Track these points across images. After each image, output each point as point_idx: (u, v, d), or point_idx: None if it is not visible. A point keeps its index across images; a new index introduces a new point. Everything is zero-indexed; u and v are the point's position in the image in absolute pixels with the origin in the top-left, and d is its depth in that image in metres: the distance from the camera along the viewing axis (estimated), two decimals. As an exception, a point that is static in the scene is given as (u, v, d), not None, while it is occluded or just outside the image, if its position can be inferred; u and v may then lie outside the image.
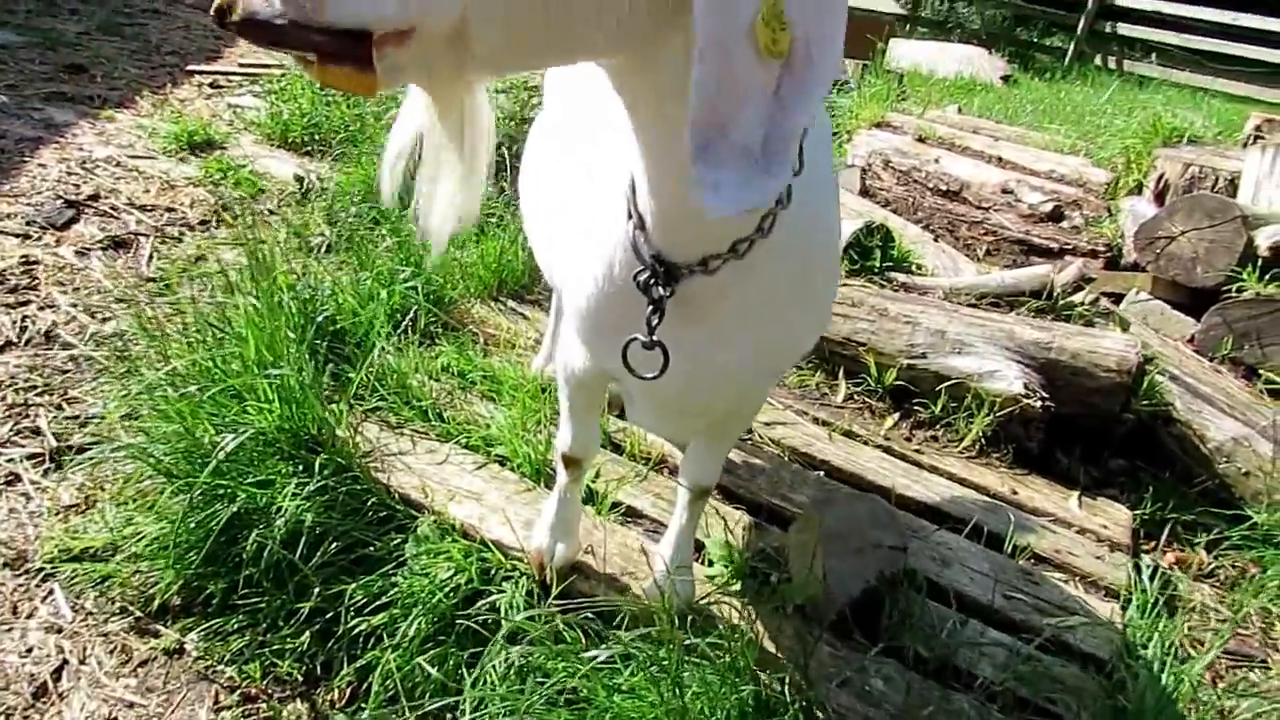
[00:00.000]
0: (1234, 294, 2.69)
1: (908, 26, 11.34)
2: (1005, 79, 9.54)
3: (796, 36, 0.69)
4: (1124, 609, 1.86)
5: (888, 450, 2.28)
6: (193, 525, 1.65)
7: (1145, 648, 1.72)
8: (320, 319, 2.08)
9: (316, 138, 3.97)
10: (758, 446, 2.19)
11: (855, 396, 2.46)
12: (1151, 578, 1.97)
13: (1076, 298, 2.53)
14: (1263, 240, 2.69)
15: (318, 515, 1.67)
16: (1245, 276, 2.69)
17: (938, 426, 2.38)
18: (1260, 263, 2.70)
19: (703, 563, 1.78)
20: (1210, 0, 10.31)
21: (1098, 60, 11.24)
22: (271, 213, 3.37)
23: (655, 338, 1.00)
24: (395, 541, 1.71)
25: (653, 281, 0.98)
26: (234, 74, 5.10)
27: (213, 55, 5.41)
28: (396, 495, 1.79)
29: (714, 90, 0.68)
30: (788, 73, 0.70)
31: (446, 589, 1.60)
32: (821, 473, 2.14)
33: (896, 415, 2.41)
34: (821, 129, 1.09)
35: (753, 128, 0.71)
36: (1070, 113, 6.31)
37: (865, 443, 2.29)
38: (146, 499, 1.77)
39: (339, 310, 2.22)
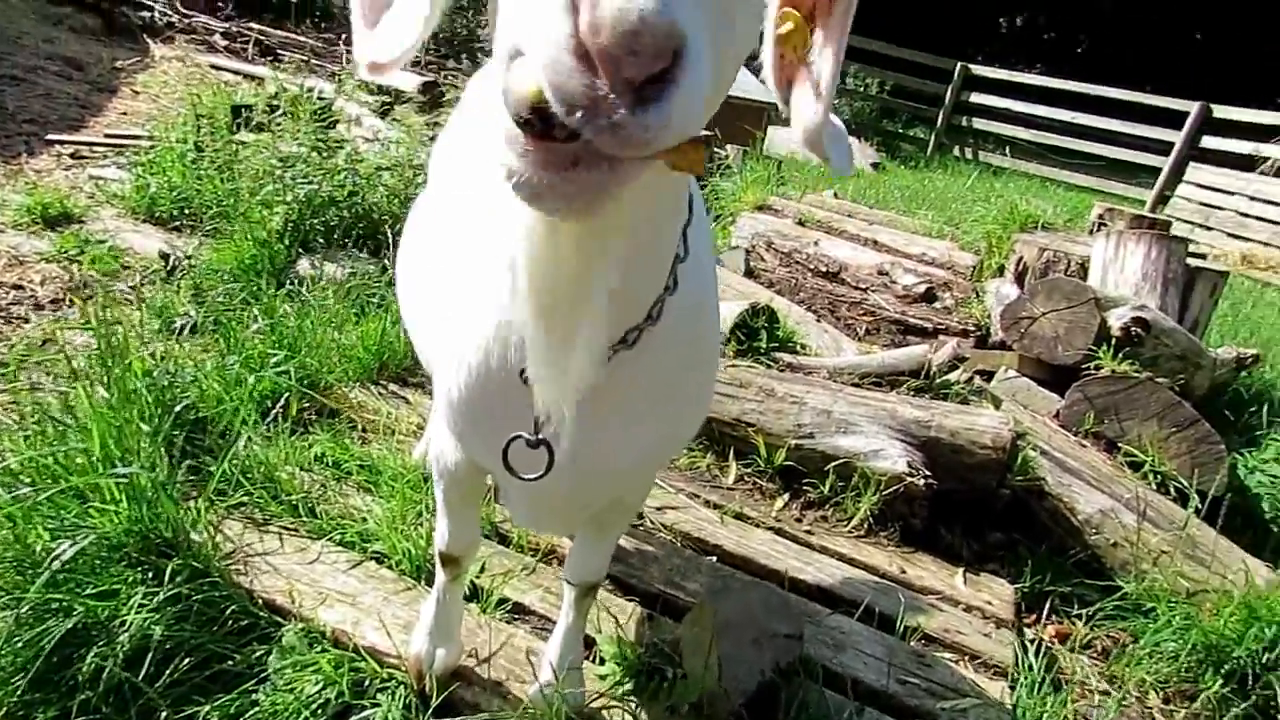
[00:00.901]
0: (1093, 371, 2.85)
1: (784, 117, 11.92)
2: (875, 166, 10.13)
3: None
4: (1012, 688, 1.88)
5: (779, 532, 2.26)
6: (19, 645, 1.45)
7: (1034, 727, 1.73)
8: (179, 408, 1.92)
9: (186, 212, 3.79)
10: (649, 533, 2.14)
11: (746, 478, 2.45)
12: (1036, 654, 2.00)
13: (952, 376, 2.63)
14: (1114, 321, 2.88)
15: (168, 628, 1.50)
16: (1101, 355, 2.86)
17: (827, 506, 2.39)
18: (1114, 342, 2.88)
19: (594, 661, 1.70)
20: (1053, 100, 11.30)
21: (956, 151, 12.09)
22: (133, 291, 3.17)
23: (540, 436, 0.96)
24: (258, 654, 1.56)
25: None
26: (98, 144, 4.85)
27: (75, 125, 5.15)
28: (260, 601, 1.64)
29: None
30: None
31: (314, 705, 1.46)
32: (714, 558, 2.10)
33: (786, 495, 2.41)
34: (700, 217, 1.09)
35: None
36: (935, 199, 6.72)
37: (757, 525, 2.27)
38: (-35, 616, 1.56)
39: (202, 398, 2.07)
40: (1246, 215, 9.20)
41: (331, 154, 3.58)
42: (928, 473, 2.32)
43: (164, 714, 1.42)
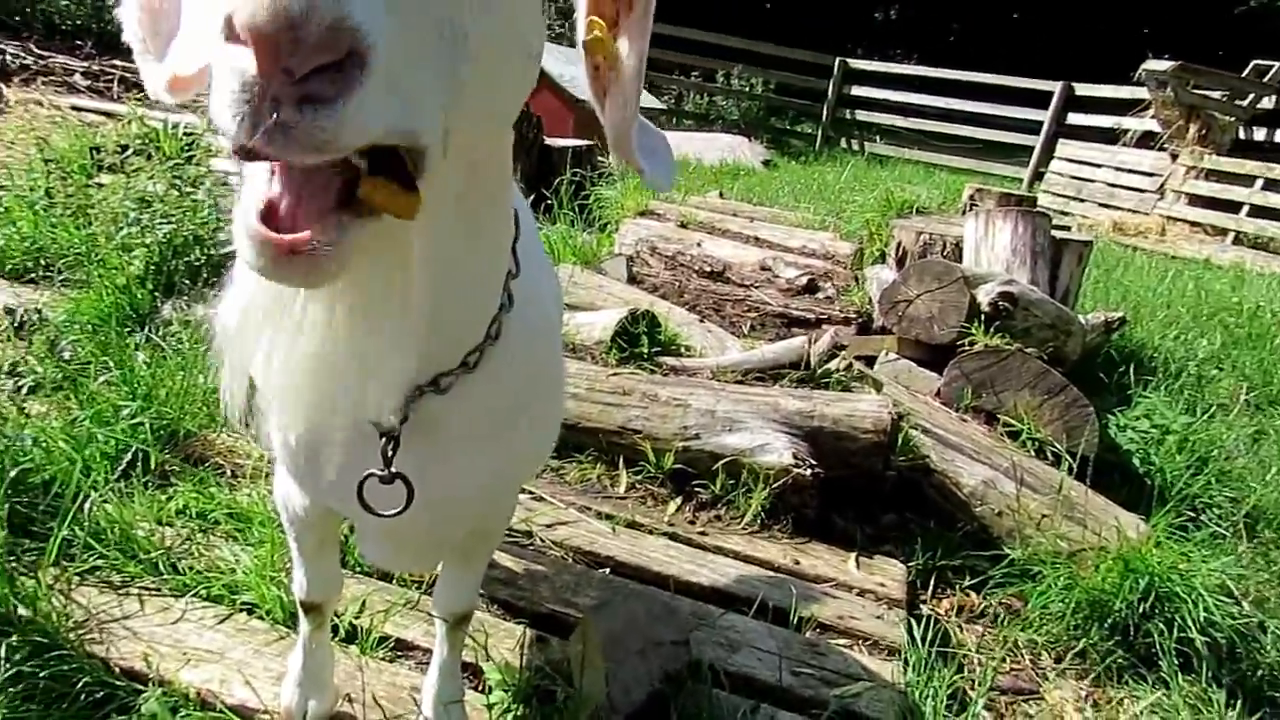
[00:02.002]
0: (967, 348, 2.94)
1: (673, 120, 12.07)
2: (766, 163, 10.32)
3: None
4: (904, 667, 1.91)
5: (673, 537, 2.26)
6: None
7: (925, 704, 1.76)
8: (14, 473, 1.79)
9: (42, 263, 3.57)
10: (539, 552, 2.11)
11: (637, 485, 2.44)
12: (925, 630, 2.04)
13: (832, 365, 2.67)
14: (983, 297, 2.98)
15: (11, 710, 1.40)
16: (974, 330, 2.95)
17: (719, 506, 2.39)
18: (984, 317, 2.98)
19: (482, 690, 1.66)
20: (929, 88, 11.74)
21: (843, 143, 12.43)
22: (-18, 351, 2.97)
23: (394, 470, 0.92)
24: (116, 725, 1.46)
25: None
26: (-58, 198, 4.55)
27: (-84, 178, 4.81)
28: (117, 669, 1.54)
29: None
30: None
31: (178, 774, 1.38)
32: (607, 570, 2.08)
33: (679, 499, 2.41)
34: (529, 231, 1.07)
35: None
36: (821, 191, 6.88)
37: (650, 532, 2.26)
38: None
39: (47, 459, 1.94)
40: (1114, 185, 9.72)
41: (193, 189, 3.43)
42: (813, 462, 2.34)
43: (7, 806, 1.31)
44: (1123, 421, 3.08)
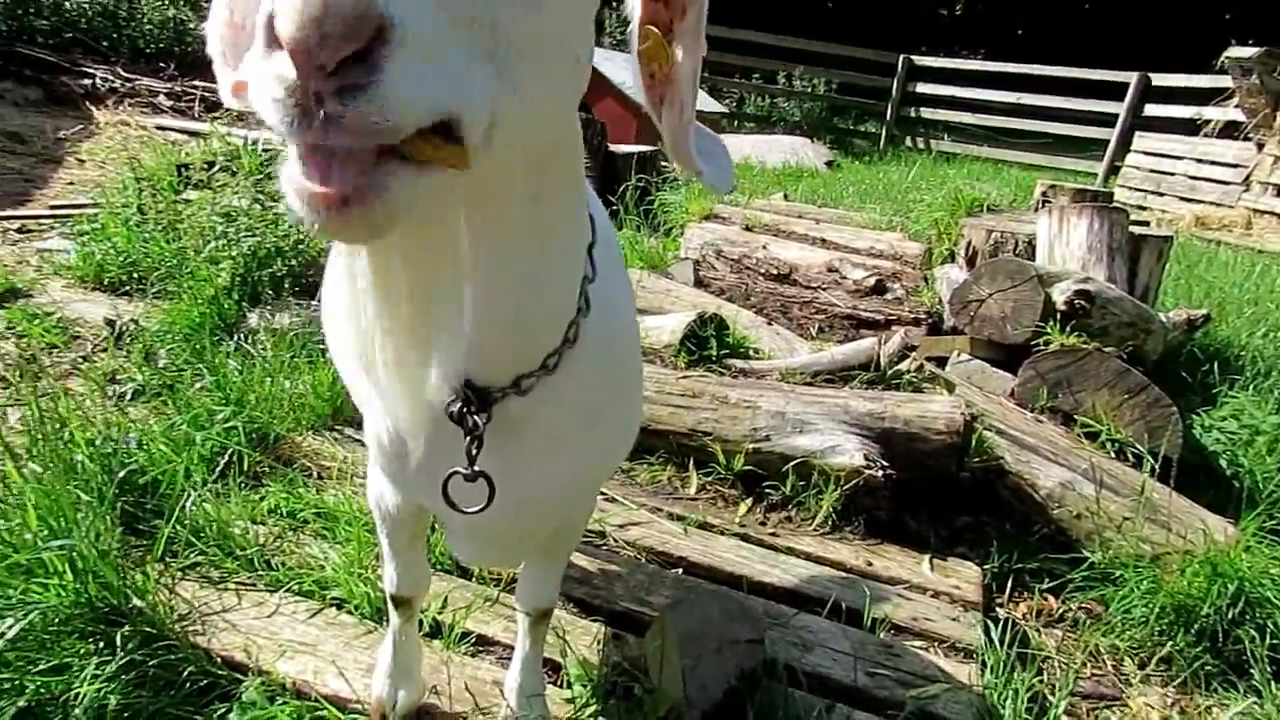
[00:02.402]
0: (1042, 347, 2.88)
1: (734, 122, 12.04)
2: (829, 164, 10.23)
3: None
4: (981, 670, 1.89)
5: (744, 537, 2.27)
6: (-28, 729, 1.44)
7: (1004, 706, 1.74)
8: (123, 474, 1.91)
9: (135, 276, 3.76)
10: (613, 552, 2.14)
11: (707, 487, 2.46)
12: (1003, 633, 2.01)
13: (903, 366, 2.65)
14: (1058, 295, 2.92)
15: (124, 696, 1.49)
16: (1049, 330, 2.90)
17: (790, 507, 2.40)
18: (1059, 316, 2.92)
19: (561, 685, 1.70)
20: (997, 84, 11.47)
21: (908, 142, 12.24)
22: (84, 360, 3.14)
23: (478, 468, 0.96)
24: (219, 712, 1.55)
25: (467, 410, 0.94)
26: (44, 217, 4.82)
27: (20, 199, 5.12)
28: (218, 659, 1.63)
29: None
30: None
31: (276, 759, 1.45)
32: (679, 570, 2.11)
33: (750, 500, 2.42)
34: (606, 235, 1.10)
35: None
36: (886, 191, 6.80)
37: (721, 533, 2.28)
38: (-84, 705, 1.54)
39: (150, 461, 2.05)
40: (1195, 178, 9.37)
41: (274, 204, 3.57)
42: (885, 463, 2.33)
43: (122, 786, 1.40)
44: (1208, 422, 2.98)
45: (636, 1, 0.88)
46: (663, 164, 5.42)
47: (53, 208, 5.02)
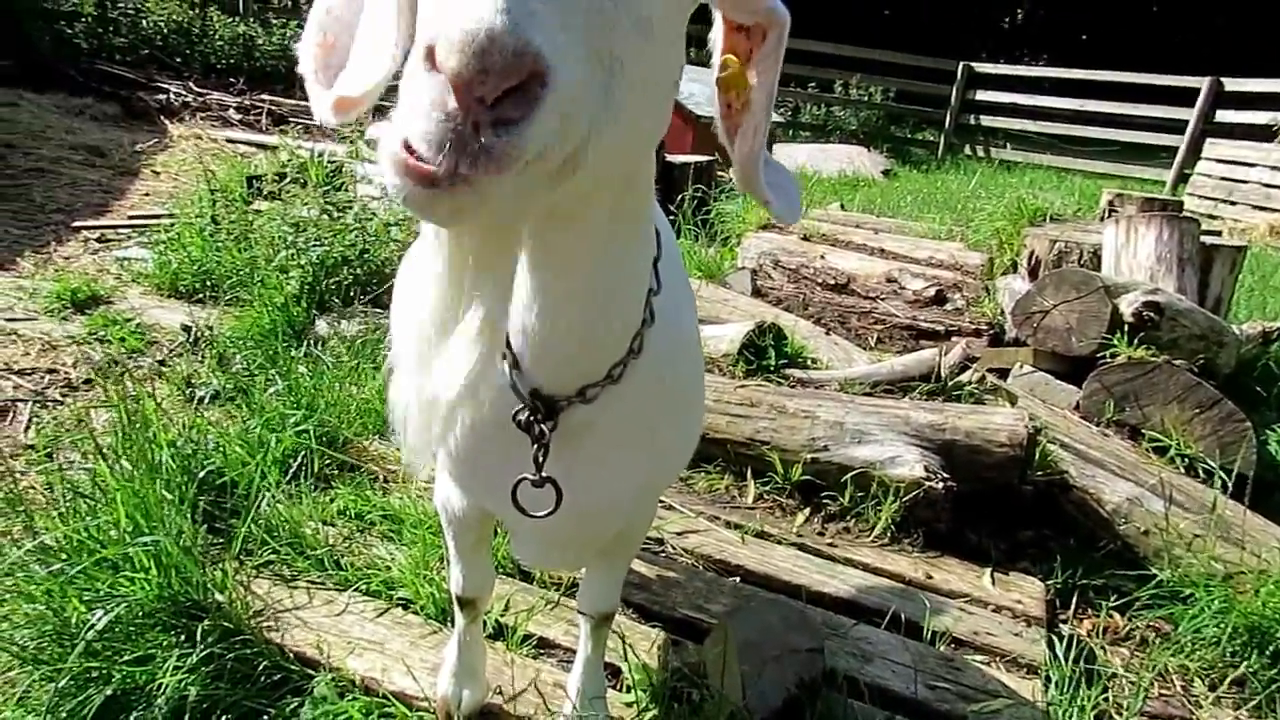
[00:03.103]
0: (1109, 360, 2.82)
1: (790, 132, 12.00)
2: (886, 173, 10.13)
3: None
4: (1045, 686, 1.86)
5: (801, 547, 2.27)
6: (64, 715, 1.51)
7: (1068, 723, 1.71)
8: (203, 474, 1.99)
9: (209, 284, 3.91)
10: (671, 559, 2.16)
11: (765, 496, 2.46)
12: (1067, 649, 1.98)
13: (964, 377, 2.62)
14: (1125, 307, 2.86)
15: (204, 688, 1.55)
16: (1116, 342, 2.84)
17: (848, 518, 2.39)
18: (1127, 328, 2.86)
19: (621, 689, 1.72)
20: (1060, 90, 11.24)
21: (967, 150, 12.05)
22: (162, 364, 3.27)
23: (545, 474, 0.99)
24: (292, 706, 1.60)
25: (534, 418, 0.97)
26: (122, 227, 5.03)
27: (100, 209, 5.34)
28: (291, 655, 1.69)
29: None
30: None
31: (347, 752, 1.50)
32: (737, 579, 2.11)
33: (807, 510, 2.42)
34: (670, 248, 1.13)
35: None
36: (945, 200, 6.71)
37: (779, 542, 2.28)
38: (12, 691, 1.62)
39: (226, 462, 2.13)
40: (1270, 186, 9.05)
41: (341, 214, 3.68)
42: (946, 475, 2.31)
43: (203, 773, 1.46)
44: (1284, 437, 2.89)
45: (719, 31, 0.91)
46: (720, 173, 5.43)
47: (131, 218, 5.24)
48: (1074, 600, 2.28)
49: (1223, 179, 9.50)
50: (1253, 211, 8.97)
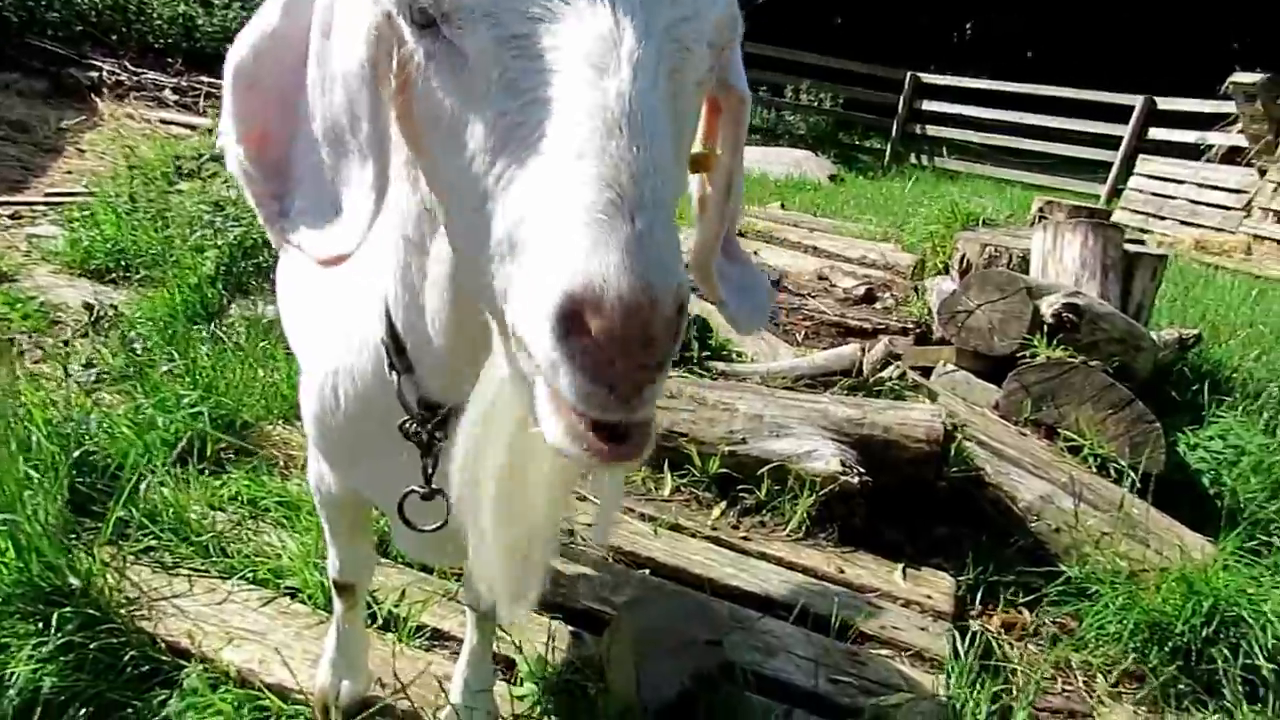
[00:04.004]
0: (1029, 360, 2.85)
1: (740, 134, 12.02)
2: (832, 178, 10.22)
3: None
4: (946, 680, 1.85)
5: (715, 541, 2.23)
6: (-94, 707, 1.41)
7: (966, 717, 1.70)
8: (78, 454, 1.88)
9: (122, 264, 3.75)
10: (580, 551, 2.11)
11: (682, 489, 2.42)
12: (973, 644, 1.97)
13: (885, 373, 2.62)
14: (1046, 308, 2.89)
15: (61, 678, 1.46)
16: (1036, 343, 2.87)
17: (764, 511, 2.36)
18: (1046, 329, 2.88)
19: (515, 682, 1.66)
20: (1003, 103, 11.46)
21: (912, 158, 12.23)
22: (66, 344, 3.12)
23: (435, 486, 0.94)
24: (160, 698, 1.51)
25: (420, 429, 0.93)
26: (38, 204, 4.82)
27: (18, 186, 5.12)
28: (163, 644, 1.60)
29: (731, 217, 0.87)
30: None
31: (214, 747, 1.42)
32: (646, 571, 2.07)
33: (724, 504, 2.39)
34: None
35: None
36: (887, 205, 6.77)
37: (693, 535, 2.24)
38: None
39: (111, 442, 2.03)
40: (1197, 202, 9.34)
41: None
42: (862, 470, 2.30)
43: (55, 767, 1.37)
44: (1194, 440, 2.94)
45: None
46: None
47: (48, 194, 5.02)
48: (985, 596, 2.29)
49: (1153, 194, 9.78)
50: (1180, 227, 9.25)
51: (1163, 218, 9.53)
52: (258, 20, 0.74)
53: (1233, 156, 9.32)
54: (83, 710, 1.45)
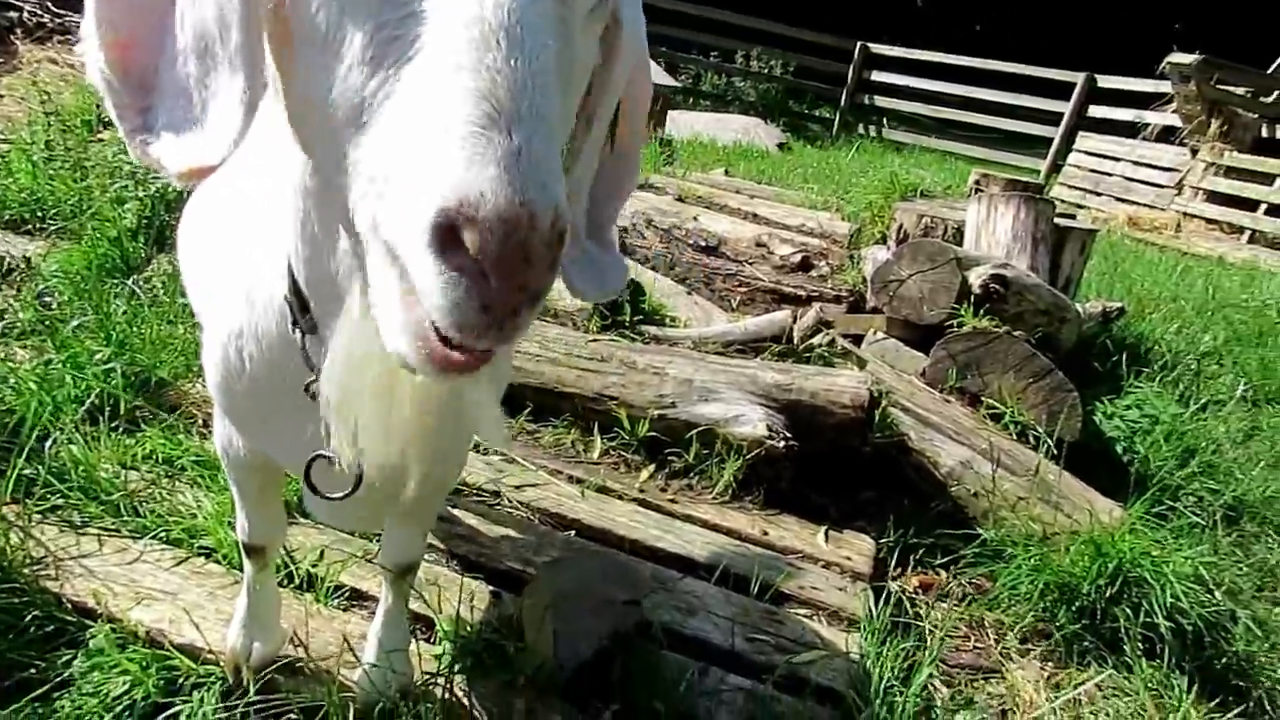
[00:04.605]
0: (955, 329, 2.91)
1: (690, 99, 11.97)
2: (781, 146, 10.24)
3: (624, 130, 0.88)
4: (862, 638, 1.90)
5: (643, 503, 2.25)
6: None
7: (874, 675, 1.75)
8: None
9: (39, 214, 3.59)
10: (505, 512, 2.11)
11: (611, 451, 2.43)
12: (889, 603, 2.03)
13: (815, 340, 2.65)
14: (974, 279, 2.95)
15: (-41, 639, 1.42)
16: (963, 313, 2.92)
17: (692, 475, 2.39)
18: (974, 299, 2.95)
19: (433, 642, 1.66)
20: (950, 76, 11.58)
21: (860, 129, 12.31)
22: (-26, 297, 3.00)
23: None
24: (65, 659, 1.48)
25: None
26: (-51, 149, 4.59)
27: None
28: (69, 604, 1.56)
29: (585, 169, 0.85)
30: (614, 163, 0.90)
31: (120, 708, 1.39)
32: (572, 532, 2.08)
33: (652, 467, 2.40)
34: None
35: (580, 210, 0.89)
36: (832, 175, 6.81)
37: (620, 498, 2.26)
38: None
39: (18, 398, 1.96)
40: (1132, 180, 9.59)
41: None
42: (788, 434, 2.33)
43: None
44: (1110, 410, 3.05)
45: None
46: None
47: (-39, 139, 4.78)
48: (902, 557, 2.35)
49: (1091, 171, 10.01)
50: (1115, 203, 9.50)
51: (1099, 194, 9.78)
52: None
53: (1167, 136, 9.58)
54: (-17, 671, 1.41)
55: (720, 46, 12.83)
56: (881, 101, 12.35)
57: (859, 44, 12.10)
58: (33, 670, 1.45)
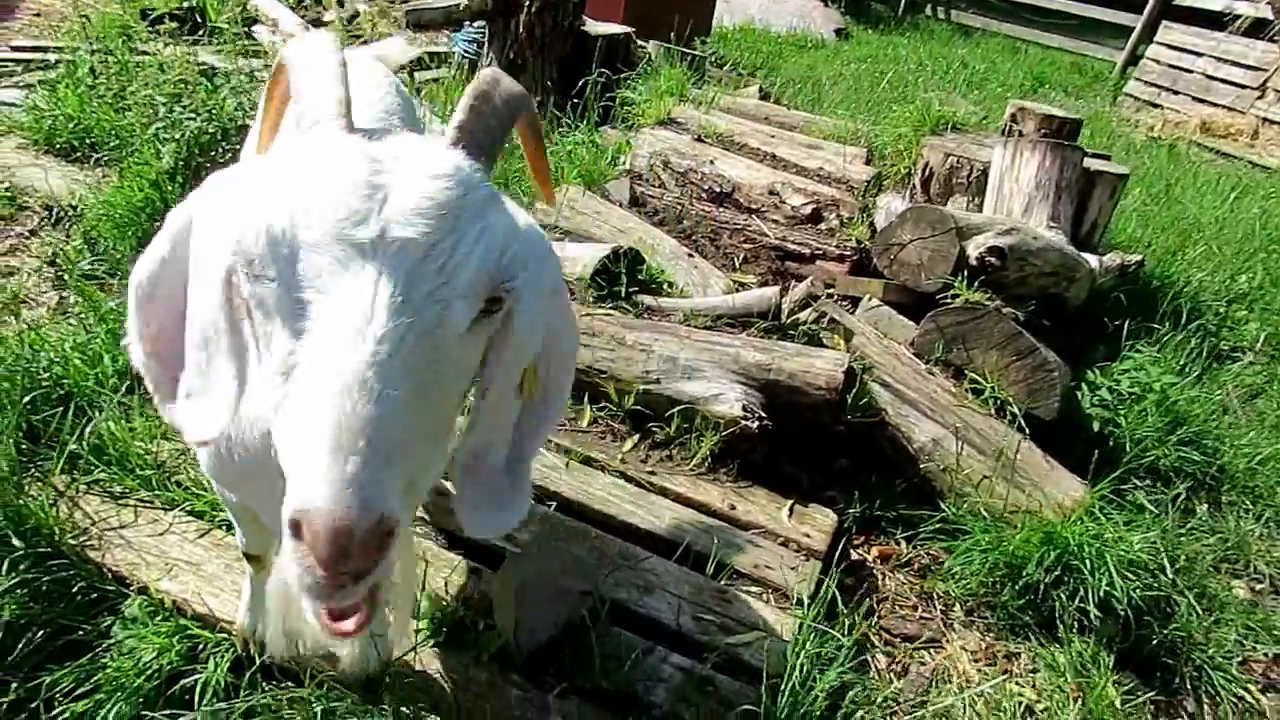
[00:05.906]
0: (949, 300, 2.97)
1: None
2: (839, 32, 9.81)
3: (545, 384, 1.04)
4: (804, 615, 2.10)
5: (623, 475, 2.45)
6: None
7: (800, 657, 1.95)
8: (35, 388, 2.07)
9: (88, 142, 3.78)
10: (494, 483, 2.33)
11: (599, 420, 2.63)
12: (839, 579, 2.23)
13: (803, 315, 2.75)
14: (972, 250, 2.98)
15: (19, 607, 1.71)
16: (957, 285, 2.98)
17: (672, 446, 2.57)
18: (968, 271, 2.99)
19: (414, 615, 1.92)
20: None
21: (928, 10, 11.65)
22: (31, 234, 3.25)
23: None
24: (106, 624, 1.77)
25: None
26: (5, 59, 4.77)
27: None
28: (109, 574, 1.84)
29: (488, 428, 1.00)
30: (534, 409, 1.05)
31: (149, 672, 1.69)
32: (552, 505, 2.29)
33: (636, 437, 2.59)
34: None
35: (501, 453, 1.04)
36: (875, 83, 6.59)
37: (602, 469, 2.46)
38: None
39: (67, 372, 2.21)
40: (1212, 78, 9.02)
41: (214, 89, 3.55)
42: (763, 414, 2.48)
43: (14, 684, 1.64)
44: (1099, 380, 3.11)
45: None
46: (641, 45, 5.25)
47: (14, 49, 4.95)
48: (866, 527, 2.55)
49: (1170, 66, 9.42)
50: (1192, 103, 8.98)
51: (1176, 91, 9.24)
52: (152, 249, 1.00)
53: (1258, 30, 8.90)
54: (40, 633, 1.71)
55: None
56: (953, -20, 11.63)
57: (933, -85, 11.30)
58: (79, 632, 1.75)
